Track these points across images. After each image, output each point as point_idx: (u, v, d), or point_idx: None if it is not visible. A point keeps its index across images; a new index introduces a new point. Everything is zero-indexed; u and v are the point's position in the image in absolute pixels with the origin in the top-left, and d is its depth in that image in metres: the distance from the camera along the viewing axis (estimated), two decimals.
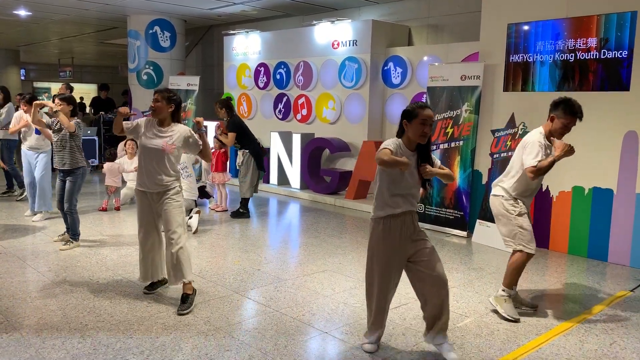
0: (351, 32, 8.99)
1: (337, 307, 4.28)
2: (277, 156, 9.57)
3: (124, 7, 10.77)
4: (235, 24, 12.05)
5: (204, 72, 13.35)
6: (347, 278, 4.98)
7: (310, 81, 9.60)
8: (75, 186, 5.61)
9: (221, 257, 5.62)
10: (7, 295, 4.33)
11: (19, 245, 5.77)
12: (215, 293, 4.48)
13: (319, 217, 7.78)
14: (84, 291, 4.44)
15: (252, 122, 10.44)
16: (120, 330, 3.71)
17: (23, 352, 3.34)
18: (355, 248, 6.07)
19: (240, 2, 9.93)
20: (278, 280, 4.88)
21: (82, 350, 3.38)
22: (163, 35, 11.66)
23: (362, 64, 8.79)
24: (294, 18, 11.04)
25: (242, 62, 10.93)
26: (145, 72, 11.76)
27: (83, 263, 5.21)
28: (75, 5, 10.53)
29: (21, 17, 12.17)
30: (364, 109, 8.91)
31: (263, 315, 4.08)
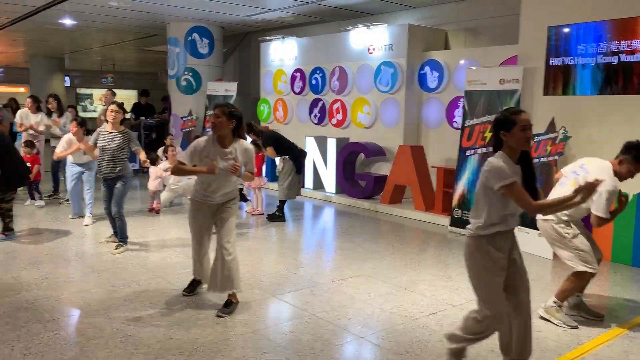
0: (387, 37, 8.98)
1: (373, 312, 4.27)
2: (312, 161, 9.62)
3: (164, 15, 11.04)
4: (272, 30, 12.19)
5: (240, 78, 13.54)
6: (383, 283, 4.97)
7: (346, 86, 9.62)
8: (124, 191, 5.75)
9: (258, 260, 5.69)
10: (53, 295, 4.49)
11: (64, 247, 5.96)
12: (252, 296, 4.54)
13: (354, 221, 7.78)
14: (125, 292, 4.56)
15: (287, 127, 10.55)
16: (161, 331, 3.79)
17: (68, 351, 3.46)
18: (391, 253, 6.05)
19: (277, 9, 10.05)
20: (314, 284, 4.91)
21: (124, 350, 3.48)
22: (202, 42, 11.89)
23: (398, 68, 8.76)
24: (330, 24, 11.10)
25: (279, 67, 11.05)
26: (184, 78, 12.01)
27: (125, 265, 5.35)
28: (118, 13, 10.86)
29: (66, 26, 12.61)
30: (400, 113, 8.88)
31: (299, 318, 4.11)
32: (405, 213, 8.09)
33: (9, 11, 10.83)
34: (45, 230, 6.68)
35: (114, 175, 5.68)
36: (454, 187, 7.19)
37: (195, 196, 4.28)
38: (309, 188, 9.71)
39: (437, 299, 4.60)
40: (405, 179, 8.16)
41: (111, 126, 5.71)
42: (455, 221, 7.12)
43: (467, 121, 7.04)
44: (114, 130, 5.68)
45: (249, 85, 13.46)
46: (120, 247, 5.78)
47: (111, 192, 5.74)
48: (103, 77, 22.71)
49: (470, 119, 6.99)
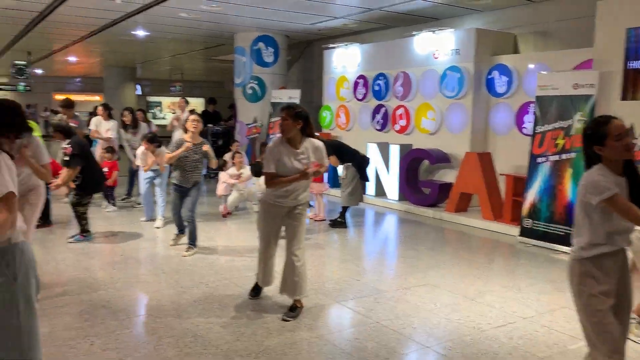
0: (453, 41, 8.82)
1: (439, 322, 4.19)
2: (374, 167, 9.57)
3: (232, 25, 11.35)
4: (336, 38, 12.27)
5: (303, 86, 13.68)
6: (450, 293, 4.86)
7: (410, 91, 9.53)
8: (197, 197, 5.94)
9: (320, 265, 5.71)
10: (127, 294, 4.69)
11: (137, 249, 6.22)
12: (316, 301, 4.56)
13: (417, 229, 7.66)
14: (194, 293, 4.70)
15: (349, 134, 10.56)
16: (228, 332, 3.88)
17: (142, 348, 3.60)
18: (457, 263, 5.91)
19: (342, 16, 10.11)
20: (377, 291, 4.87)
21: (193, 350, 3.58)
22: (267, 51, 12.13)
23: (465, 73, 8.59)
24: (394, 29, 11.04)
25: (341, 74, 11.10)
26: (249, 87, 12.29)
27: (193, 267, 5.51)
28: (188, 24, 11.27)
29: (139, 37, 13.21)
30: (467, 119, 8.69)
31: (363, 326, 4.08)
32: (472, 222, 7.89)
33: (88, 24, 11.48)
34: (119, 233, 7.00)
35: (190, 184, 5.86)
36: (523, 195, 6.94)
37: (267, 198, 4.31)
38: (371, 195, 9.66)
39: (506, 310, 4.45)
40: (472, 186, 7.96)
41: (191, 136, 5.87)
42: (525, 231, 6.87)
43: (538, 127, 6.79)
44: (195, 142, 5.85)
45: (312, 93, 13.58)
46: (190, 250, 5.95)
47: (183, 198, 5.93)
48: (172, 86, 23.61)
49: (542, 125, 6.74)
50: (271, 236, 4.39)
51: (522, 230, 6.93)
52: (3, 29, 12.02)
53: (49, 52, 16.62)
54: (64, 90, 26.67)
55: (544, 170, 6.70)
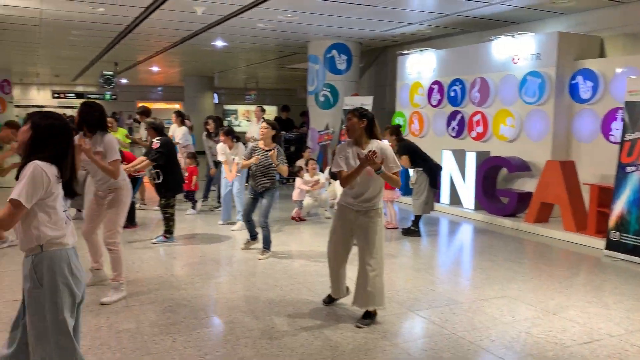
0: (534, 46, 8.51)
1: (518, 335, 4.03)
2: (449, 175, 9.37)
3: (306, 34, 11.54)
4: (410, 44, 12.17)
5: (375, 92, 13.66)
6: (529, 307, 4.67)
7: (487, 97, 9.27)
8: (271, 203, 6.06)
9: (394, 273, 5.65)
10: (206, 294, 4.86)
11: (215, 251, 6.44)
12: (390, 309, 4.51)
13: (495, 239, 7.42)
14: (270, 296, 4.79)
15: (423, 140, 10.40)
16: (303, 336, 3.92)
17: (221, 347, 3.71)
18: (537, 275, 5.67)
19: (417, 22, 10.02)
20: (453, 302, 4.76)
21: (269, 351, 3.65)
22: (340, 59, 12.22)
23: (546, 78, 8.25)
24: (471, 34, 10.81)
25: (416, 80, 10.98)
26: (322, 94, 12.42)
27: (268, 270, 5.63)
28: (264, 34, 11.57)
29: (217, 48, 13.71)
30: (548, 125, 8.33)
31: (439, 336, 4.00)
32: (553, 233, 7.54)
33: (171, 36, 12.06)
34: (198, 235, 7.27)
35: (262, 189, 6.00)
36: (610, 206, 6.56)
37: (340, 200, 4.37)
38: (445, 203, 9.47)
39: (592, 327, 4.21)
40: (554, 196, 7.61)
41: (263, 143, 6.04)
42: (612, 244, 6.48)
43: (628, 135, 6.40)
44: (267, 148, 6.00)
45: (384, 99, 13.53)
46: (264, 254, 6.09)
47: (256, 203, 6.07)
48: (247, 94, 24.28)
49: (632, 133, 6.35)
50: (340, 243, 4.36)
51: (608, 243, 6.54)
52: (95, 41, 12.85)
53: (134, 62, 17.59)
54: (146, 98, 28.11)
55: (633, 180, 6.31)
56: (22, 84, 26.42)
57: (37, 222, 2.51)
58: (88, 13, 9.44)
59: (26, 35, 12.00)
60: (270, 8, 8.85)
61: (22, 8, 9.15)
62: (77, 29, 11.20)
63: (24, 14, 9.60)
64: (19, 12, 9.51)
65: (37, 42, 13.06)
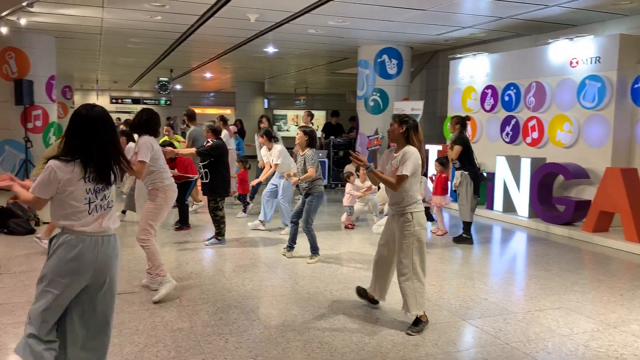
0: (593, 49, 8.21)
1: (576, 348, 3.88)
2: (502, 181, 9.14)
3: (357, 39, 11.54)
4: (462, 48, 11.98)
5: (426, 97, 13.52)
6: (588, 319, 4.49)
7: (543, 102, 9.00)
8: (311, 207, 6.09)
9: (445, 281, 5.56)
10: (257, 296, 4.92)
11: (265, 254, 6.52)
12: (441, 317, 4.45)
13: (550, 248, 7.18)
14: (320, 300, 4.81)
15: (476, 146, 10.16)
16: (353, 341, 3.91)
17: (272, 349, 3.75)
18: (596, 287, 5.45)
19: (470, 26, 9.86)
20: (507, 312, 4.64)
21: (320, 355, 3.66)
22: (390, 63, 12.16)
23: (607, 82, 7.94)
24: (526, 38, 10.53)
25: (468, 85, 10.79)
26: (372, 99, 12.39)
27: (317, 274, 5.65)
28: (314, 40, 11.66)
29: (269, 54, 13.91)
30: (608, 131, 8.01)
31: (492, 346, 3.90)
32: (613, 243, 7.23)
33: (224, 42, 12.33)
34: (249, 237, 7.38)
35: (302, 192, 6.17)
36: None
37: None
38: (499, 211, 9.24)
39: None
40: (614, 205, 7.31)
41: (298, 148, 6.30)
42: None
43: None
44: (302, 153, 6.19)
45: (436, 104, 13.36)
46: (314, 258, 6.15)
47: (303, 207, 6.17)
48: (296, 99, 24.47)
49: None
50: (383, 245, 4.46)
51: None
52: (152, 49, 13.30)
53: (188, 69, 18.08)
54: (199, 104, 28.82)
55: None
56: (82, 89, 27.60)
57: (54, 210, 2.81)
58: (146, 21, 9.79)
59: (88, 43, 12.55)
60: (321, 14, 8.92)
61: (85, 17, 9.58)
62: (135, 37, 11.62)
63: (87, 23, 10.05)
64: (82, 22, 9.96)
65: (97, 49, 13.64)
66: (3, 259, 5.96)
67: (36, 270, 5.51)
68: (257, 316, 4.40)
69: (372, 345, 3.85)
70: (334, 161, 13.07)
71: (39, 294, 2.77)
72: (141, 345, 3.75)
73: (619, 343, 3.99)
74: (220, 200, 6.81)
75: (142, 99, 28.85)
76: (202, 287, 5.14)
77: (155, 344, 3.79)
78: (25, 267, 5.70)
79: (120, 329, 4.03)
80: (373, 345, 3.84)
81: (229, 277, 5.49)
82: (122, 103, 29.07)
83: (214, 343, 3.81)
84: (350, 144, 13.35)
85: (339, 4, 8.22)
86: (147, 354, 3.61)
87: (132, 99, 29.21)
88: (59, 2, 8.43)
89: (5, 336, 3.90)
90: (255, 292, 5.04)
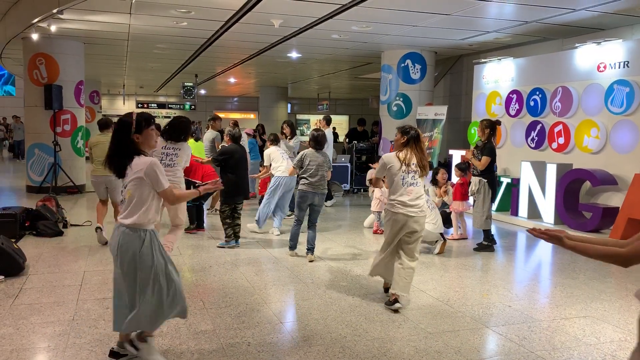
0: (622, 53, 8.06)
1: (603, 358, 3.81)
2: (527, 187, 9.02)
3: (380, 44, 11.54)
4: (486, 52, 11.88)
5: (450, 102, 13.43)
6: (615, 328, 4.40)
7: (570, 107, 8.87)
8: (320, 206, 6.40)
9: (468, 288, 5.51)
10: (278, 299, 4.95)
11: (286, 257, 6.54)
12: (464, 324, 4.41)
13: (576, 256, 7.04)
14: (342, 305, 4.81)
15: (500, 152, 10.07)
16: (375, 346, 3.90)
17: (294, 354, 3.76)
18: (624, 295, 5.33)
19: (495, 30, 9.77)
20: (531, 319, 4.57)
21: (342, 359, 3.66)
22: (414, 68, 12.12)
23: (636, 87, 7.78)
24: (551, 42, 10.40)
25: (493, 89, 10.69)
26: (395, 104, 12.35)
27: (340, 279, 5.65)
28: (338, 45, 11.69)
29: (292, 59, 13.99)
30: (636, 137, 7.85)
31: (516, 354, 3.85)
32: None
33: (248, 48, 12.45)
34: (270, 241, 7.42)
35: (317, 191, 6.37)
36: None
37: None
38: (523, 217, 9.12)
39: None
40: None
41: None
42: None
43: None
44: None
45: (459, 109, 13.27)
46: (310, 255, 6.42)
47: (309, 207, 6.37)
48: (319, 104, 24.56)
49: None
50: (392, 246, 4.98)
51: None
52: (177, 54, 13.51)
53: (212, 74, 18.29)
54: (223, 109, 29.12)
55: None
56: (109, 94, 28.14)
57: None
58: (172, 27, 9.94)
59: (115, 49, 12.80)
60: (344, 19, 8.95)
61: (113, 24, 9.78)
62: (161, 43, 11.82)
63: (114, 29, 10.25)
64: (110, 28, 10.17)
65: (124, 55, 13.90)
66: (32, 259, 6.10)
67: (64, 272, 5.64)
68: (280, 320, 4.42)
69: (393, 351, 3.83)
70: (356, 165, 13.06)
71: None
72: (165, 347, 3.80)
73: None
74: (225, 204, 6.90)
75: (167, 104, 29.26)
76: (225, 290, 5.18)
77: (178, 345, 3.84)
78: (53, 269, 5.83)
79: None
80: (395, 351, 3.82)
81: (251, 280, 5.53)
82: (148, 107, 29.53)
83: (236, 346, 3.84)
84: (372, 149, 13.33)
85: (363, 9, 8.24)
86: (170, 356, 3.65)
87: (158, 104, 29.65)
88: (88, 10, 8.63)
89: (34, 336, 4.00)
90: (277, 295, 5.07)
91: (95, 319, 4.34)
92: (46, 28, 9.69)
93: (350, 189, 12.77)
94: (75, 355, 3.65)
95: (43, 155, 11.69)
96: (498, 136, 10.46)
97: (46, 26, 9.56)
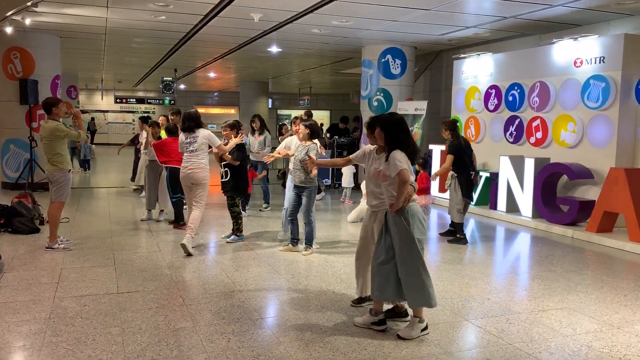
0: (598, 49, 8.19)
1: (579, 349, 3.87)
2: (506, 182, 9.13)
3: (360, 39, 11.54)
4: (466, 48, 11.97)
5: (430, 97, 13.51)
6: (591, 319, 4.48)
7: (547, 102, 8.98)
8: (310, 200, 6.34)
9: (448, 281, 5.55)
10: (260, 295, 4.93)
11: (268, 253, 6.52)
12: (443, 317, 4.44)
13: (554, 249, 7.17)
14: (323, 299, 4.81)
15: (479, 146, 10.19)
16: (355, 341, 3.91)
17: (274, 349, 3.75)
18: (600, 287, 5.43)
19: (474, 26, 9.84)
20: (509, 312, 4.63)
21: (322, 354, 3.66)
22: (394, 63, 12.15)
23: (611, 82, 7.92)
24: (530, 37, 10.51)
25: (472, 85, 10.77)
26: (375, 99, 12.38)
27: (321, 274, 5.65)
28: (318, 40, 11.66)
29: (273, 54, 13.92)
30: (612, 131, 7.99)
31: (495, 346, 3.90)
32: (617, 244, 7.21)
33: (228, 42, 12.35)
34: (251, 236, 7.39)
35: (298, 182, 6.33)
36: None
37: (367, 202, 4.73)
38: (502, 211, 9.23)
39: None
40: (618, 205, 7.29)
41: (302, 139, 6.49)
42: None
43: None
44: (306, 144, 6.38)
45: (439, 104, 13.35)
46: (308, 250, 6.42)
47: (299, 200, 6.38)
48: (300, 99, 24.50)
49: None
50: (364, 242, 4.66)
51: None
52: (156, 48, 13.34)
53: (192, 68, 18.11)
54: (203, 103, 28.87)
55: None
56: (87, 89, 27.69)
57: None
58: (150, 21, 9.81)
59: (92, 43, 12.60)
60: (325, 14, 8.92)
61: (90, 17, 9.61)
62: (139, 37, 11.66)
63: (91, 22, 10.08)
64: (87, 22, 10.00)
65: (102, 49, 13.68)
66: (7, 257, 5.99)
67: (40, 269, 5.54)
68: (260, 315, 4.40)
69: (374, 344, 3.85)
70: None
71: None
72: (144, 344, 3.76)
73: (622, 344, 3.98)
74: (236, 197, 6.95)
75: (146, 99, 28.91)
76: (205, 286, 5.15)
77: (157, 342, 3.80)
78: (29, 266, 5.73)
79: (123, 327, 4.05)
80: (375, 345, 3.84)
81: (232, 276, 5.50)
82: (127, 102, 29.13)
83: (216, 342, 3.82)
84: (353, 144, 13.36)
85: (343, 4, 8.22)
86: (149, 353, 3.62)
87: (137, 99, 29.26)
88: (64, 2, 8.47)
89: (8, 335, 3.92)
90: (258, 291, 5.05)
91: (72, 317, 4.28)
92: (20, 21, 9.49)
93: (332, 183, 12.78)
94: (52, 354, 3.59)
95: (18, 151, 11.47)
96: (476, 130, 10.56)
97: (20, 19, 9.36)
